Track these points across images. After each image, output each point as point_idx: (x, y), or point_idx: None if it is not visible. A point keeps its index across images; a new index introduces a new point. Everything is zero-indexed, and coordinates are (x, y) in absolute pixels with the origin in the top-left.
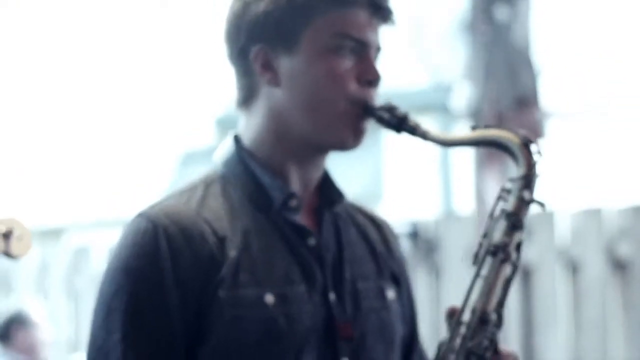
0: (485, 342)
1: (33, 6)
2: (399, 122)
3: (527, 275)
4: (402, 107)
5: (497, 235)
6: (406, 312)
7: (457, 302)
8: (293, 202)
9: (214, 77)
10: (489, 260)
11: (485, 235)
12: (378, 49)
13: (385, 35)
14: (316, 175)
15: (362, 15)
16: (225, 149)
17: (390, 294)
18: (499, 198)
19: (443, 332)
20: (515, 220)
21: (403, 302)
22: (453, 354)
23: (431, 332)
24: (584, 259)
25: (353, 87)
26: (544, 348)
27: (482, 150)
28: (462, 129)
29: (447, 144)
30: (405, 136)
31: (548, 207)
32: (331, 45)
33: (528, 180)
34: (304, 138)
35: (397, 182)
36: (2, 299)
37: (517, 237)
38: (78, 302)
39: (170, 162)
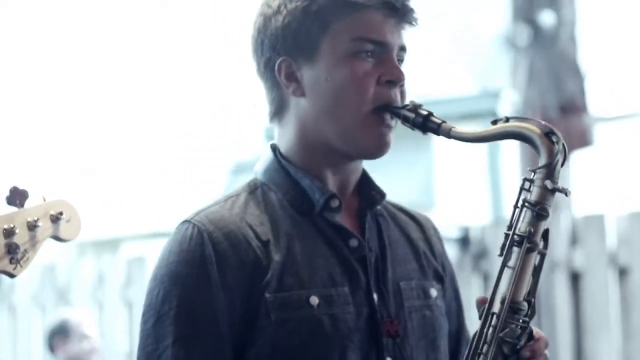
0: (518, 331)
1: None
2: (423, 120)
3: (576, 280)
4: (451, 114)
5: (523, 226)
6: (451, 308)
7: None
8: (334, 202)
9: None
10: (515, 251)
11: (510, 226)
12: (402, 48)
13: (432, 44)
14: (353, 178)
15: (378, 16)
16: (263, 158)
17: (434, 292)
18: (522, 188)
19: None
20: (540, 209)
21: (447, 299)
22: (486, 344)
23: None
24: (633, 263)
25: (375, 88)
26: (594, 352)
27: (528, 155)
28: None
29: (471, 140)
30: (448, 140)
31: (597, 209)
32: (350, 50)
33: (550, 169)
34: (331, 146)
35: (448, 189)
36: (59, 310)
37: (542, 226)
38: (133, 313)
39: (222, 172)
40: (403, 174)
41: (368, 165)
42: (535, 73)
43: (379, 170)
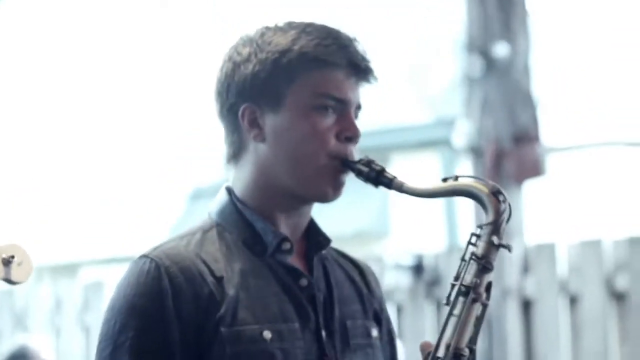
0: None
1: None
2: (376, 175)
3: (528, 307)
4: (407, 142)
5: (468, 277)
6: (386, 352)
7: None
8: (286, 245)
9: None
10: (460, 300)
11: (457, 278)
12: (358, 106)
13: (386, 73)
14: (303, 222)
15: (341, 75)
16: (218, 200)
17: (374, 332)
18: (469, 243)
19: None
20: (485, 263)
21: (383, 344)
22: None
23: None
24: (583, 291)
25: (333, 143)
26: None
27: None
28: (435, 181)
29: (422, 195)
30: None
31: (548, 237)
32: (313, 104)
33: (496, 226)
34: (287, 190)
35: (403, 217)
36: (17, 335)
37: (486, 278)
38: (90, 338)
39: (180, 198)
40: (358, 202)
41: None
42: (489, 103)
43: (311, 210)
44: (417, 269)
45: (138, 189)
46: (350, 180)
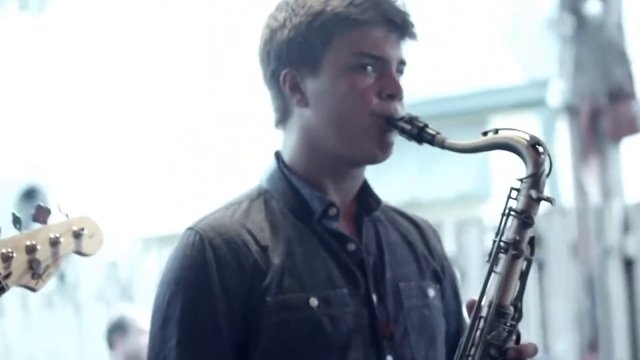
0: (504, 334)
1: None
2: (418, 131)
3: (630, 266)
4: (504, 104)
5: (509, 233)
6: (451, 308)
7: (562, 296)
8: (332, 211)
9: None
10: (502, 257)
11: (497, 234)
12: (402, 62)
13: (480, 36)
14: (354, 186)
15: (379, 32)
16: (267, 166)
17: (431, 292)
18: (509, 197)
19: (550, 323)
20: (525, 218)
21: (447, 299)
22: (474, 347)
23: (536, 326)
24: None
25: (375, 101)
26: None
27: (581, 142)
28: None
29: (463, 150)
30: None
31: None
32: (351, 64)
33: (536, 178)
34: (334, 153)
35: (505, 178)
36: (121, 306)
37: (528, 233)
38: None
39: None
40: (460, 165)
41: (426, 156)
42: (583, 62)
43: (436, 161)
44: None
45: (240, 163)
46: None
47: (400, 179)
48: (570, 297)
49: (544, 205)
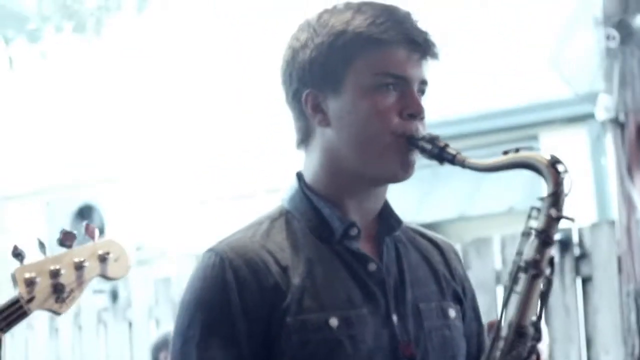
0: (524, 354)
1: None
2: (439, 151)
3: None
4: (553, 118)
5: (529, 253)
6: (472, 329)
7: (608, 311)
8: (353, 231)
9: None
10: (522, 277)
11: (517, 253)
12: (423, 82)
13: (527, 52)
14: (375, 206)
15: (400, 52)
16: (289, 186)
17: (452, 312)
18: (529, 217)
19: (596, 339)
20: (545, 237)
21: (467, 321)
22: None
23: (582, 341)
24: None
25: (396, 121)
26: None
27: (628, 155)
28: (497, 156)
29: (483, 169)
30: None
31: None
32: (373, 84)
33: (556, 197)
34: (356, 173)
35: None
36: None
37: (548, 253)
38: None
39: None
40: (506, 179)
41: (476, 172)
42: (629, 75)
43: (484, 177)
44: (564, 244)
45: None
46: (498, 155)
47: (449, 195)
48: (616, 312)
49: (590, 219)
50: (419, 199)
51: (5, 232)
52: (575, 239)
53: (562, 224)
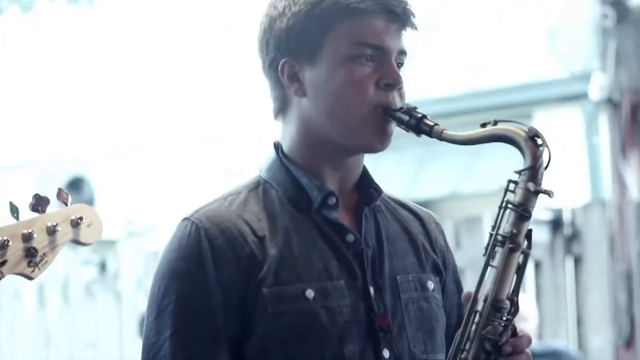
0: (500, 328)
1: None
2: (417, 122)
3: None
4: (547, 97)
5: (506, 226)
6: (453, 301)
7: (599, 291)
8: (331, 200)
9: None
10: (498, 250)
11: (493, 227)
12: (401, 52)
13: (522, 30)
14: (353, 175)
15: (377, 22)
16: (267, 156)
17: (431, 284)
18: (506, 190)
19: (586, 319)
20: (522, 211)
21: (449, 293)
22: (468, 341)
23: (572, 321)
24: None
25: (372, 91)
26: None
27: (622, 135)
28: (475, 128)
29: (460, 142)
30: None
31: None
32: (350, 54)
33: (534, 171)
34: (332, 143)
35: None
36: None
37: (525, 226)
38: None
39: None
40: (500, 157)
41: (469, 149)
42: (624, 54)
43: (479, 155)
44: (556, 223)
45: None
46: None
47: (442, 172)
48: (607, 292)
49: (582, 199)
50: (411, 176)
51: None
52: (567, 218)
53: (552, 202)
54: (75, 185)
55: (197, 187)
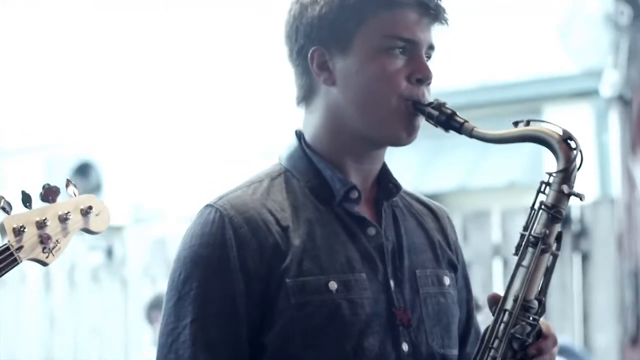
0: (528, 328)
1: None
2: (446, 119)
3: None
4: (558, 93)
5: (538, 227)
6: (462, 296)
7: (605, 288)
8: (354, 194)
9: None
10: (530, 251)
11: (525, 227)
12: (431, 47)
13: (534, 25)
14: (374, 169)
15: (411, 15)
16: (288, 144)
17: (447, 280)
18: (539, 191)
19: (592, 316)
20: (555, 212)
21: (458, 288)
22: (497, 340)
23: (578, 318)
24: None
25: (404, 85)
26: None
27: (632, 132)
28: (507, 127)
29: (491, 140)
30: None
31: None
32: (382, 46)
33: (567, 173)
34: (359, 134)
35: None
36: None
37: (556, 228)
38: None
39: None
40: (510, 153)
41: (479, 144)
42: (637, 52)
43: (486, 150)
44: (564, 220)
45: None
46: (502, 129)
47: (451, 166)
48: (614, 290)
49: (591, 197)
50: (420, 169)
51: (3, 187)
52: (575, 215)
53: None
54: (83, 170)
55: (203, 174)
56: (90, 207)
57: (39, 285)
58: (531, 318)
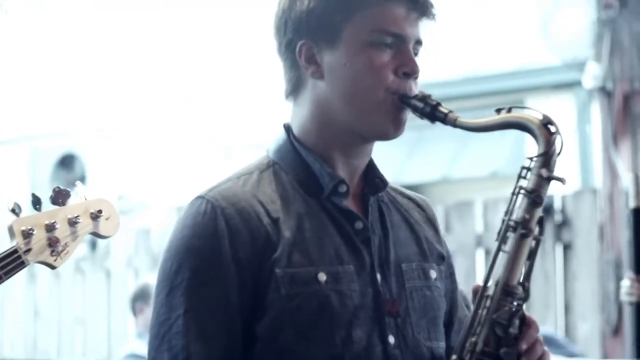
0: (510, 314)
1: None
2: (431, 110)
3: None
4: (540, 84)
5: (519, 212)
6: (447, 287)
7: (587, 278)
8: (342, 188)
9: None
10: (511, 236)
11: (506, 213)
12: (418, 42)
13: (517, 17)
14: (362, 163)
15: (399, 10)
16: (276, 137)
17: (433, 273)
18: (520, 176)
19: (574, 305)
20: (535, 197)
21: (443, 274)
22: (479, 326)
23: (560, 307)
24: None
25: (390, 78)
26: None
27: (614, 124)
28: (489, 115)
29: (474, 129)
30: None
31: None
32: (370, 40)
33: (547, 158)
34: (346, 127)
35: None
36: (152, 275)
37: (537, 212)
38: None
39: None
40: (492, 143)
41: (461, 134)
42: (620, 45)
43: (468, 140)
44: (546, 210)
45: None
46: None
47: (433, 157)
48: (596, 279)
49: (573, 187)
50: (402, 160)
51: None
52: (557, 205)
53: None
54: (67, 162)
55: (188, 165)
56: (100, 211)
57: (22, 277)
58: (514, 303)
